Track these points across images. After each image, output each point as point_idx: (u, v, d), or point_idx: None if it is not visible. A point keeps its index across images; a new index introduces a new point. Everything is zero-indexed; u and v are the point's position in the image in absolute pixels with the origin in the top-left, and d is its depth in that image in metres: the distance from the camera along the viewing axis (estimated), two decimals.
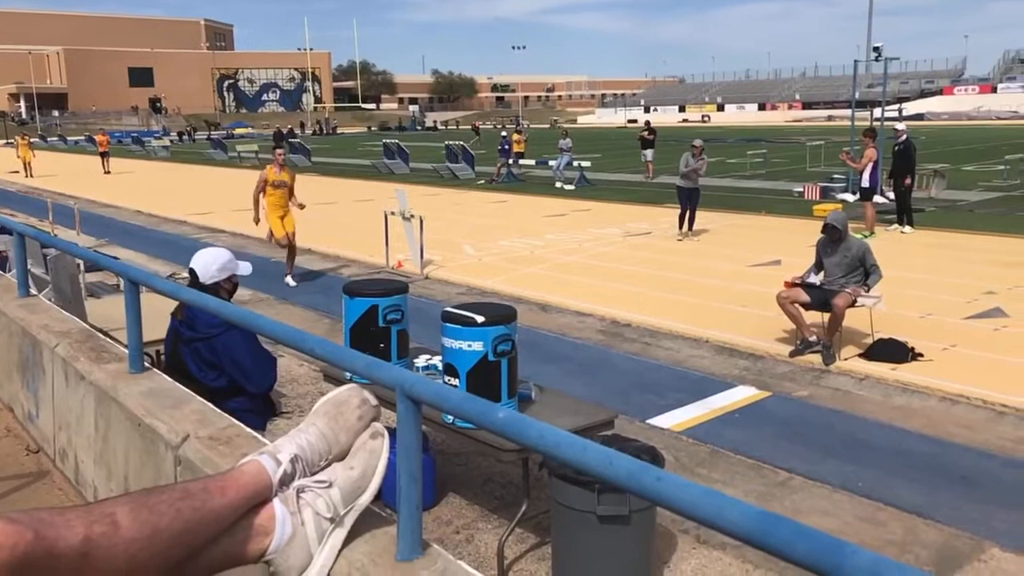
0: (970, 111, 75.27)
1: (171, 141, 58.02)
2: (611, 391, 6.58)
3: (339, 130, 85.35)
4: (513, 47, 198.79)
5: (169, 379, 2.98)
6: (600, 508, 3.48)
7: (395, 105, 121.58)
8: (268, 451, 1.59)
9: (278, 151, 10.97)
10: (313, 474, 1.62)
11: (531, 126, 37.77)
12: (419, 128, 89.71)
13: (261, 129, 79.31)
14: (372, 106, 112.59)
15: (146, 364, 3.17)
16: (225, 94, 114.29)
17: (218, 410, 2.54)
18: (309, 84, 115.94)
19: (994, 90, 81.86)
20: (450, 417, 4.10)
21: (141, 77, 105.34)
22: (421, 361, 4.73)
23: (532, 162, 27.55)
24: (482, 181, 25.41)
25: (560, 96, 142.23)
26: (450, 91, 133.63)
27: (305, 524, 1.56)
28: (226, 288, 4.31)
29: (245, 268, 4.53)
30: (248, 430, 2.37)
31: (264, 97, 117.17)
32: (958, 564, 4.08)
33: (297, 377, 6.63)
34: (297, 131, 60.39)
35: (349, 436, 1.66)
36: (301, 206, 10.90)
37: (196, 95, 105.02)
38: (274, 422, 4.41)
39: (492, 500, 4.63)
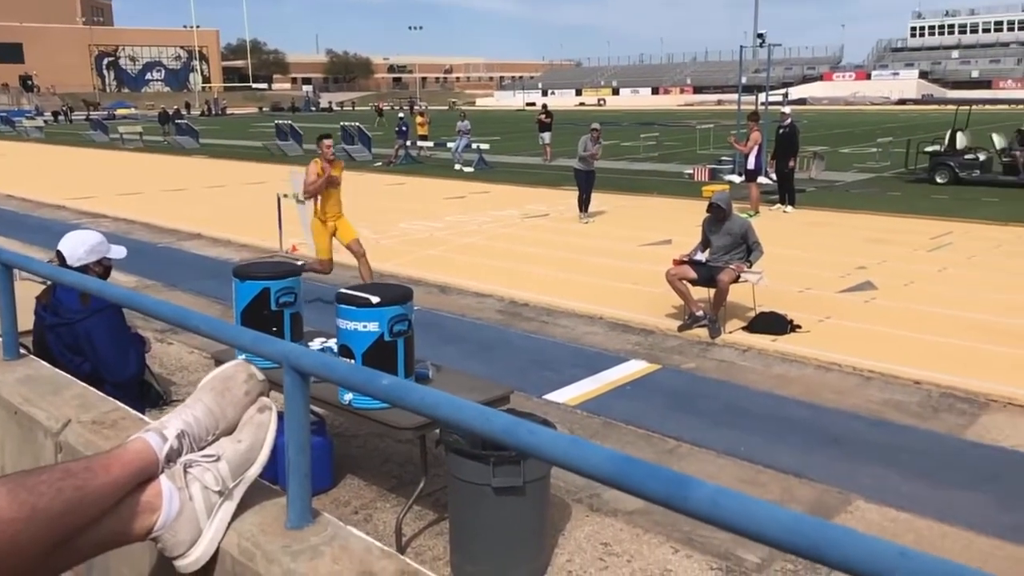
0: (847, 96, 79.36)
1: (45, 122, 54.56)
2: (509, 369, 6.70)
3: (229, 111, 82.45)
4: (410, 27, 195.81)
5: (48, 365, 2.87)
6: (496, 480, 3.57)
7: (288, 85, 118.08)
8: (154, 428, 1.59)
9: (325, 141, 8.67)
10: (200, 449, 1.63)
11: (429, 108, 37.46)
12: (313, 109, 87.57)
13: (145, 110, 75.62)
14: (264, 86, 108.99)
15: (22, 352, 3.05)
16: (105, 72, 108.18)
17: (101, 394, 2.48)
18: (196, 63, 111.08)
19: (869, 77, 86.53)
20: (347, 397, 4.12)
21: (9, 53, 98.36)
22: (316, 344, 4.71)
23: (431, 144, 27.40)
24: (379, 163, 25.12)
25: (458, 78, 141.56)
26: (345, 71, 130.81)
27: (193, 499, 1.56)
28: (96, 271, 4.19)
29: (118, 251, 4.41)
30: (134, 412, 2.32)
31: (148, 76, 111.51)
32: (827, 516, 4.39)
33: (187, 365, 6.47)
34: (184, 112, 57.85)
35: (236, 410, 1.67)
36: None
37: (72, 73, 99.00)
38: (163, 411, 4.32)
39: (390, 480, 4.67)
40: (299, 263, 8.04)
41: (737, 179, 17.46)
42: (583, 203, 14.12)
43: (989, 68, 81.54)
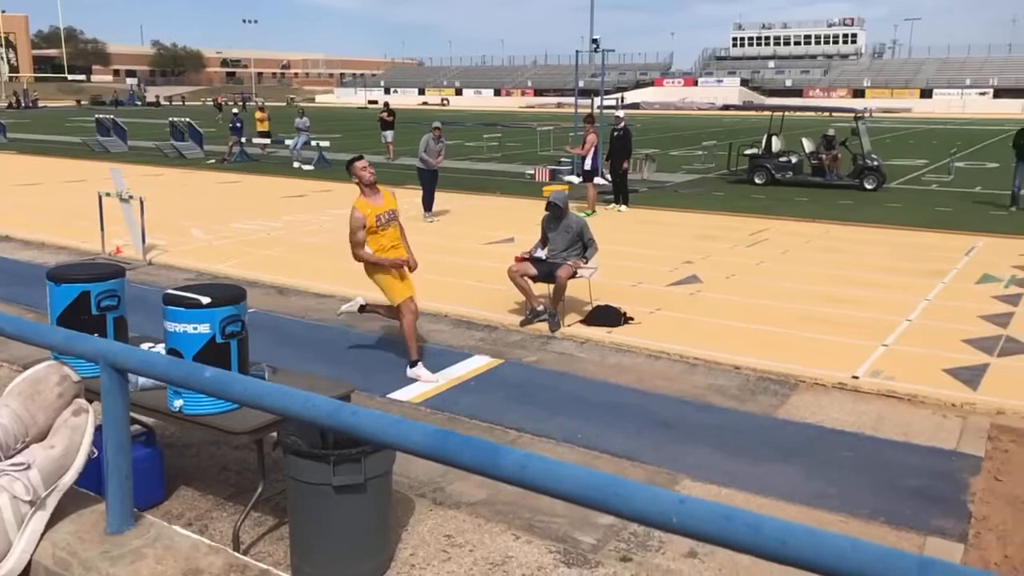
0: (677, 102, 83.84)
1: None
2: (352, 369, 6.63)
3: (41, 103, 75.91)
4: (244, 20, 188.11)
5: None
6: (336, 479, 3.54)
7: (110, 78, 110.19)
8: None
9: (359, 164, 6.67)
10: (9, 458, 1.54)
11: (266, 103, 36.13)
12: (139, 103, 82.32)
13: None
14: (81, 78, 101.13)
15: None
16: None
17: None
18: (2, 51, 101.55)
19: (696, 83, 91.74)
20: (177, 404, 3.95)
21: None
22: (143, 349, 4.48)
23: (268, 141, 26.47)
24: (212, 160, 24.02)
25: (296, 74, 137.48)
26: (174, 64, 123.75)
27: (1, 510, 1.48)
28: None
29: None
30: None
31: None
32: None
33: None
34: None
35: (48, 415, 1.59)
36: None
37: None
38: None
39: (228, 488, 4.51)
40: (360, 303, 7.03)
41: (576, 180, 18.06)
42: (427, 202, 14.15)
43: (800, 78, 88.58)
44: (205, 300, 3.90)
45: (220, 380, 1.35)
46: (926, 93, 78.99)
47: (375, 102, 71.51)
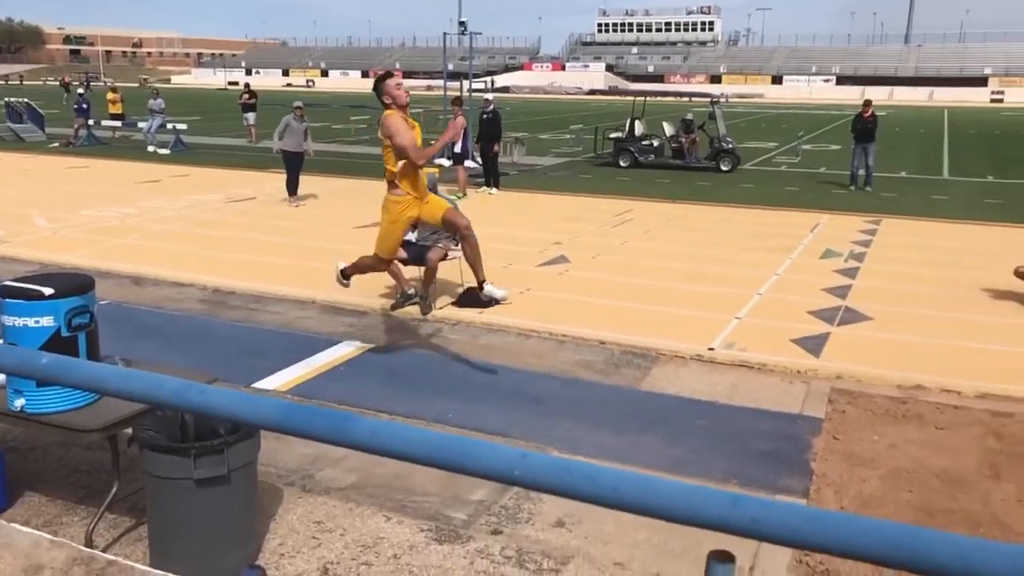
0: (545, 86, 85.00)
1: None
2: (214, 359, 6.41)
3: None
4: None
5: None
6: (198, 472, 3.43)
7: None
8: None
9: (391, 81, 6.02)
10: None
11: (117, 84, 34.00)
12: None
13: None
14: None
15: None
16: None
17: None
18: None
19: (564, 68, 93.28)
20: (18, 403, 3.71)
21: None
22: None
23: (119, 124, 24.96)
24: (56, 144, 22.43)
25: (149, 53, 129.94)
26: (9, 41, 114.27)
27: None
28: None
29: None
30: None
31: None
32: None
33: None
34: None
35: None
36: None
37: None
38: None
39: (79, 491, 4.28)
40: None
41: (446, 163, 18.01)
42: (292, 186, 13.76)
43: (662, 64, 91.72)
44: (47, 291, 3.67)
45: (58, 366, 1.29)
46: (777, 79, 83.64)
47: (236, 83, 68.55)
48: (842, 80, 79.83)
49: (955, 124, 38.75)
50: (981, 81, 75.46)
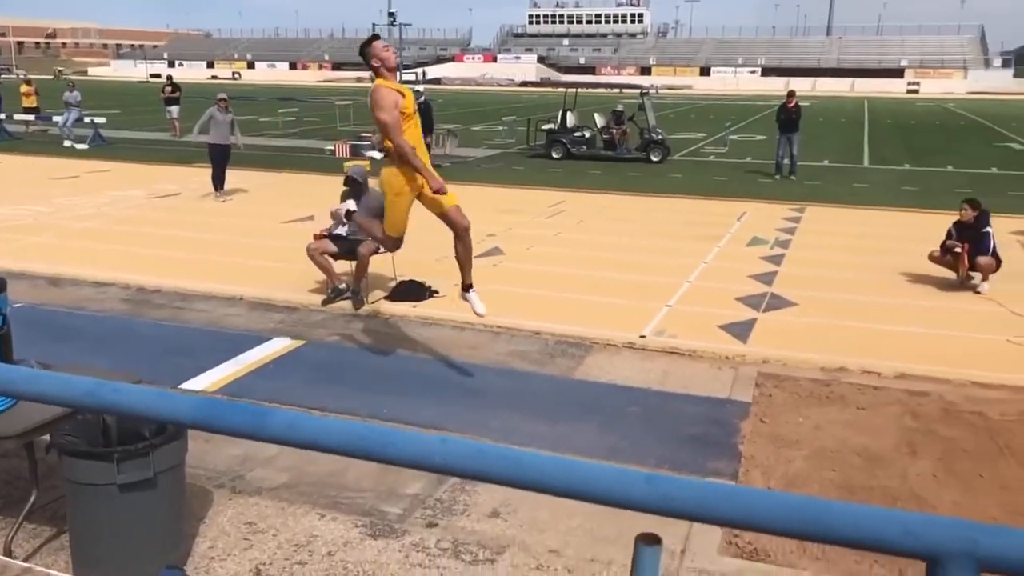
0: (477, 77, 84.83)
1: None
2: (139, 361, 6.21)
3: None
4: None
5: None
6: (121, 477, 3.32)
7: None
8: None
9: (379, 43, 5.74)
10: None
11: (31, 76, 32.63)
12: None
13: None
14: None
15: None
16: None
17: None
18: None
19: (495, 59, 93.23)
20: None
21: None
22: None
23: (32, 117, 23.94)
24: None
25: (64, 44, 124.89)
26: None
27: None
28: None
29: None
30: None
31: None
32: None
33: None
34: None
35: None
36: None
37: None
38: None
39: None
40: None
41: (378, 155, 17.81)
42: (218, 180, 13.42)
43: (593, 55, 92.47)
44: None
45: None
46: (705, 71, 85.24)
47: (158, 76, 66.47)
48: (768, 71, 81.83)
49: (875, 114, 40.15)
50: (898, 72, 78.32)
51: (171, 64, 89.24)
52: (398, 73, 5.54)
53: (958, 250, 8.36)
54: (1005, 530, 0.89)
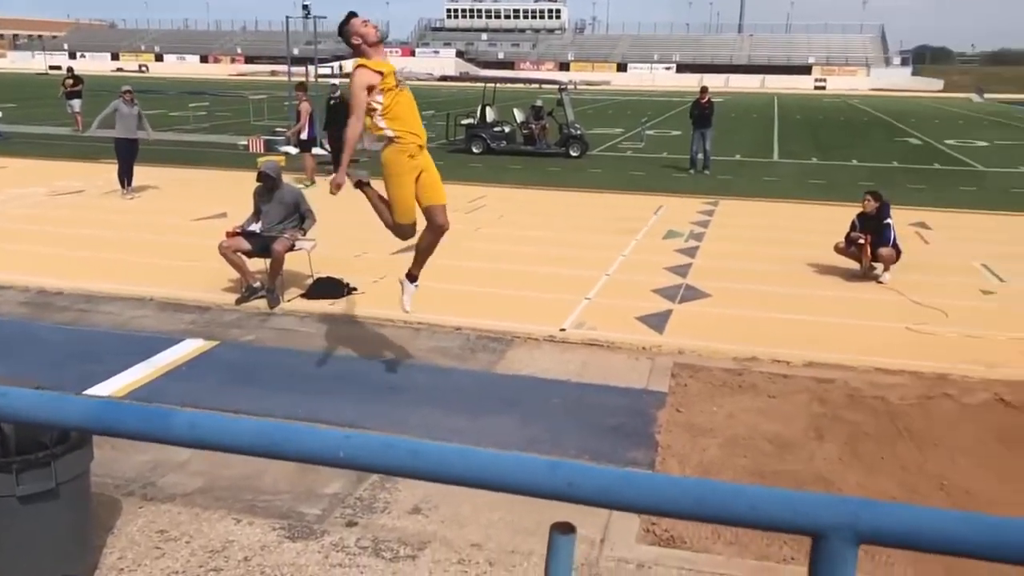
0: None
1: None
2: (40, 366, 5.94)
3: None
4: None
5: None
6: (21, 488, 3.17)
7: None
8: None
9: (357, 20, 5.35)
10: None
11: None
12: None
13: None
14: None
15: None
16: None
17: None
18: None
19: (413, 53, 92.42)
20: None
21: None
22: None
23: None
24: None
25: None
26: None
27: None
28: None
29: None
30: None
31: None
32: None
33: None
34: None
35: None
36: None
37: None
38: None
39: None
40: None
41: (293, 150, 17.47)
42: (125, 176, 12.92)
43: (511, 50, 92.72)
44: None
45: None
46: (622, 67, 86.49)
47: (58, 68, 63.48)
48: (682, 68, 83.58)
49: (784, 110, 41.54)
50: (806, 69, 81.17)
51: (72, 56, 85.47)
52: (382, 47, 5.50)
53: (861, 242, 8.73)
54: (883, 504, 0.94)
